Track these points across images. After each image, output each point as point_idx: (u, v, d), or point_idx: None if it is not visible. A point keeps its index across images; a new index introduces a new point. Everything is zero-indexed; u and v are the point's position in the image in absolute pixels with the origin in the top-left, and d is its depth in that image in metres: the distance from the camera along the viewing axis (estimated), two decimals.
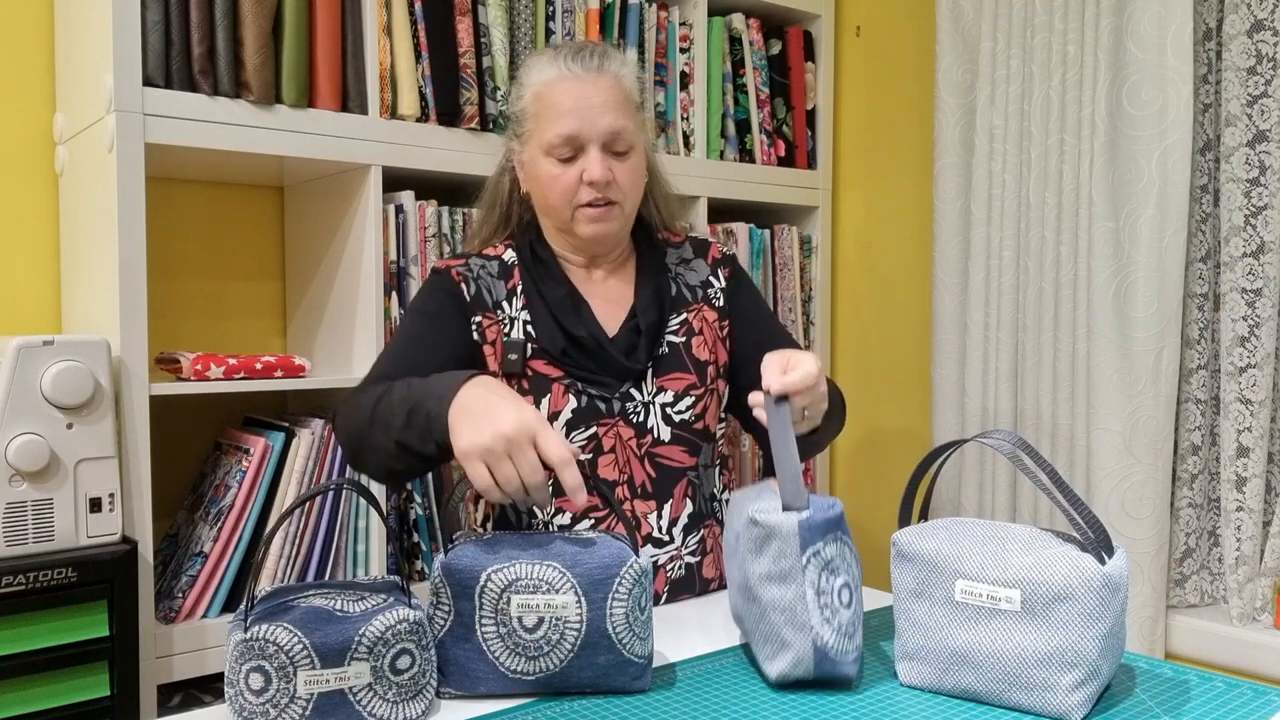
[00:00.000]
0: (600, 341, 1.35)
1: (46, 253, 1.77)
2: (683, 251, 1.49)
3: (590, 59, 1.35)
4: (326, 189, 1.83)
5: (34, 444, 1.36)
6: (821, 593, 0.99)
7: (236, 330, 1.94)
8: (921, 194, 2.34)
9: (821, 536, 0.99)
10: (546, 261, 1.40)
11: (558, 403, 1.34)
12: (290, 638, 0.90)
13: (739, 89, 2.25)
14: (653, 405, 1.38)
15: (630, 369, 1.36)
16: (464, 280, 1.38)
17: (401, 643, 0.94)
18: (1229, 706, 0.97)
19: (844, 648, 0.99)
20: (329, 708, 0.91)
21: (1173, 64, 1.78)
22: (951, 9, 2.13)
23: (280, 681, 0.90)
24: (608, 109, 1.32)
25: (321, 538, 1.66)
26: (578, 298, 1.38)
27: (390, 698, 0.94)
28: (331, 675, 0.91)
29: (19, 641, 1.34)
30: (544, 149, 1.34)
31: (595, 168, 1.32)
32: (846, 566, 1.01)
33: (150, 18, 1.51)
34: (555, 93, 1.33)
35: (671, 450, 1.38)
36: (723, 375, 1.45)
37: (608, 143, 1.33)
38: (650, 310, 1.39)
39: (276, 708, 0.91)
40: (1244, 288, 1.81)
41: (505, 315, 1.37)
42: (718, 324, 1.45)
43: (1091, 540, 0.96)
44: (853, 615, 1.01)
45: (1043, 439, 2.00)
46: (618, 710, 0.97)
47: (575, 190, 1.34)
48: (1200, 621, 1.86)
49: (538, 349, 1.35)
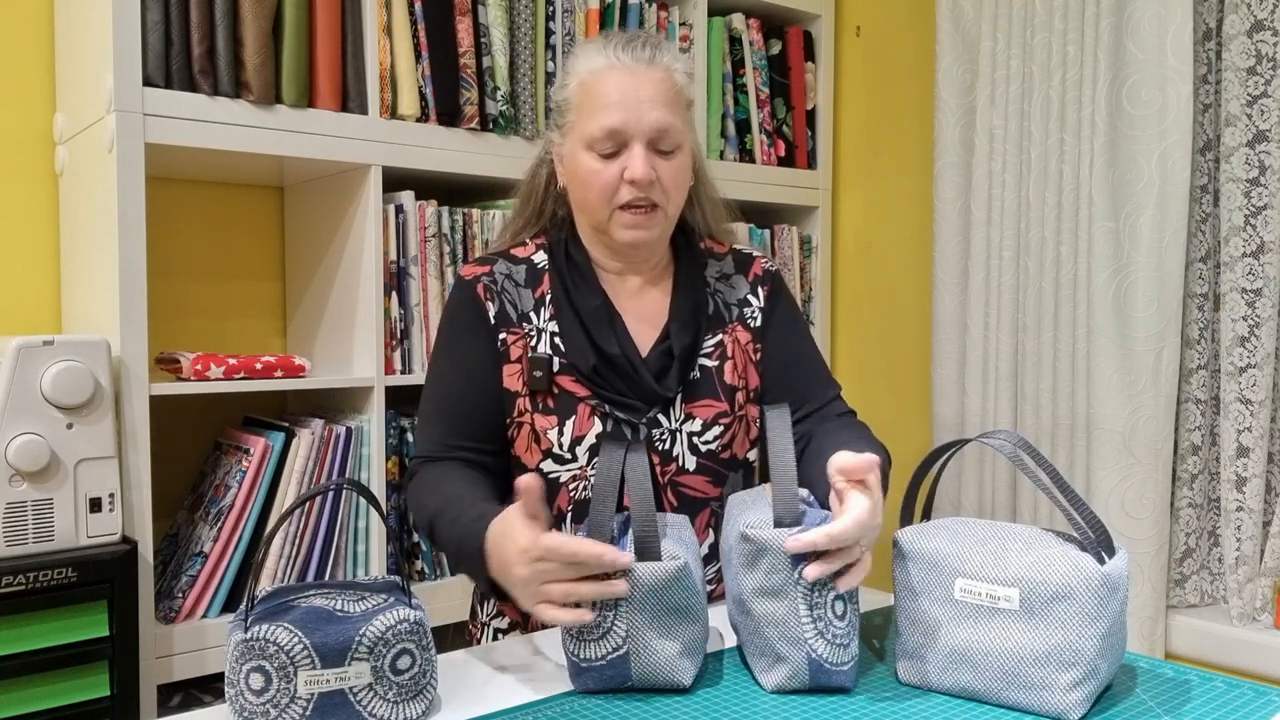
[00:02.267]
0: (633, 362, 1.27)
1: (46, 253, 1.77)
2: (724, 265, 1.40)
3: (642, 49, 1.26)
4: (326, 189, 1.83)
5: (34, 444, 1.36)
6: (815, 606, 0.98)
7: (236, 330, 1.94)
8: (921, 194, 2.34)
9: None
10: (580, 266, 1.31)
11: (583, 426, 1.27)
12: (290, 638, 0.90)
13: (739, 89, 2.25)
14: (680, 434, 1.30)
15: (660, 395, 1.28)
16: (489, 296, 1.30)
17: (402, 643, 0.94)
18: (1229, 706, 0.97)
19: (839, 659, 0.99)
20: (329, 708, 0.91)
21: (1173, 64, 1.78)
22: (951, 9, 2.13)
23: (281, 681, 0.90)
24: (656, 104, 1.24)
25: (321, 538, 1.66)
26: (611, 310, 1.30)
27: (391, 698, 0.94)
28: (332, 675, 0.91)
29: (19, 641, 1.34)
30: (585, 142, 1.25)
31: (638, 165, 1.23)
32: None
33: (150, 18, 1.51)
34: (602, 83, 1.24)
35: (696, 480, 1.31)
36: (751, 399, 1.36)
37: (653, 140, 1.24)
38: (685, 332, 1.31)
39: (277, 708, 0.90)
40: (1244, 288, 1.81)
41: (532, 327, 1.29)
42: (750, 346, 1.36)
43: (1091, 540, 0.96)
44: (847, 626, 1.00)
45: (1043, 439, 2.00)
46: (618, 710, 0.97)
47: (615, 189, 1.25)
48: (1200, 621, 1.86)
49: (566, 364, 1.28)
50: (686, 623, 1.00)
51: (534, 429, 1.28)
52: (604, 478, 1.03)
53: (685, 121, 1.29)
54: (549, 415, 1.27)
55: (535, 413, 1.28)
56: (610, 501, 1.02)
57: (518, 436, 1.30)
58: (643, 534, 1.00)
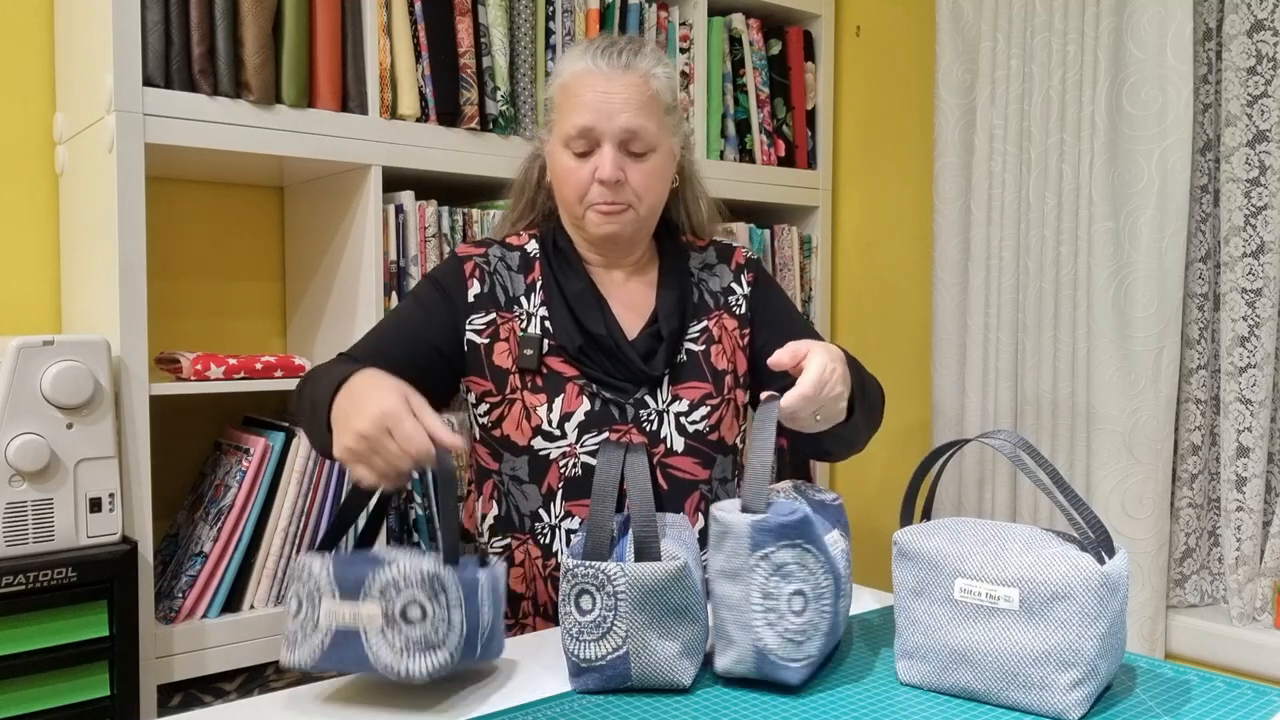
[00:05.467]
0: (618, 342, 1.33)
1: (46, 253, 1.77)
2: (706, 256, 1.46)
3: (618, 56, 1.32)
4: (326, 189, 1.83)
5: (34, 444, 1.36)
6: (769, 596, 0.98)
7: (236, 330, 1.94)
8: (921, 194, 2.34)
9: (775, 541, 0.98)
10: (566, 252, 1.38)
11: (571, 403, 1.31)
12: (320, 566, 0.97)
13: (739, 89, 2.25)
14: (667, 414, 1.34)
15: (647, 374, 1.33)
16: (478, 274, 1.36)
17: (411, 590, 0.95)
18: (1229, 706, 0.97)
19: (789, 654, 0.98)
20: (344, 644, 0.96)
21: (1173, 64, 1.78)
22: (951, 9, 2.13)
23: (309, 607, 0.97)
24: (628, 107, 1.29)
25: (321, 537, 1.66)
26: (597, 294, 1.36)
27: (398, 646, 0.95)
28: (347, 611, 0.95)
29: (19, 641, 1.34)
30: (563, 140, 1.32)
31: (606, 166, 1.29)
32: (806, 575, 0.99)
33: (150, 18, 1.51)
34: (579, 85, 1.31)
35: (684, 461, 1.34)
36: (741, 385, 1.41)
37: (624, 141, 1.30)
38: (672, 317, 1.36)
39: (304, 633, 0.97)
40: (1244, 288, 1.81)
41: (523, 311, 1.35)
42: (738, 332, 1.42)
43: (1091, 540, 0.96)
44: (805, 624, 0.99)
45: (1043, 439, 2.00)
46: (618, 710, 0.97)
47: (587, 187, 1.31)
48: (1200, 621, 1.86)
49: (554, 345, 1.33)
50: (686, 623, 1.00)
51: (525, 405, 1.32)
52: (604, 477, 1.04)
53: (661, 125, 1.34)
54: (538, 394, 1.32)
55: (525, 390, 1.32)
56: (610, 501, 1.02)
57: (508, 415, 1.33)
58: (642, 534, 1.00)
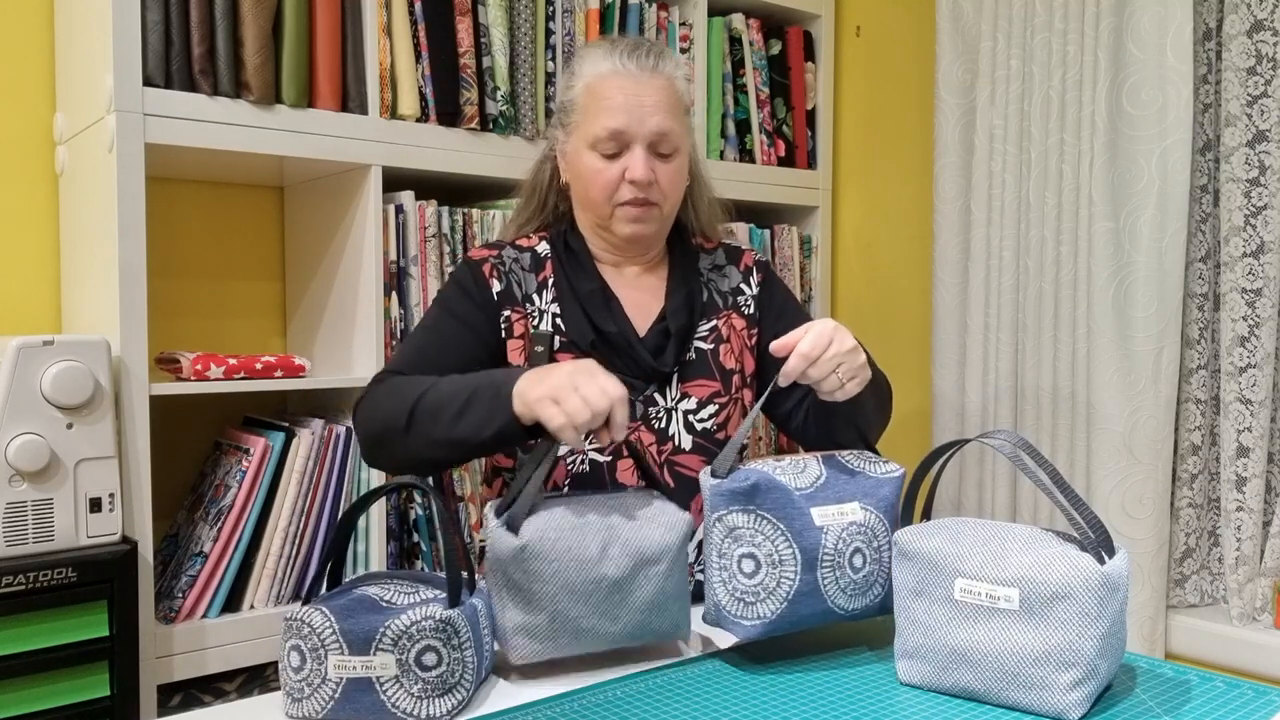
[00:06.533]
0: (629, 339, 1.34)
1: (46, 253, 1.77)
2: (715, 257, 1.48)
3: (646, 58, 1.34)
4: (326, 189, 1.83)
5: (34, 444, 1.36)
6: (722, 555, 1.06)
7: (236, 330, 1.94)
8: (921, 194, 2.34)
9: (726, 505, 1.05)
10: (578, 253, 1.39)
11: None
12: (323, 621, 0.94)
13: (739, 89, 2.25)
14: (675, 412, 1.36)
15: (657, 370, 1.35)
16: (495, 274, 1.36)
17: (426, 639, 0.95)
18: (1229, 706, 0.97)
19: (739, 613, 1.05)
20: (357, 694, 0.94)
21: (1173, 64, 1.78)
22: (951, 9, 2.13)
23: (313, 662, 0.95)
24: (658, 109, 1.32)
25: (322, 538, 1.66)
26: (609, 293, 1.37)
27: (416, 692, 0.95)
28: (359, 663, 0.94)
29: (19, 641, 1.34)
30: (589, 142, 1.33)
31: (639, 167, 1.31)
32: (760, 541, 1.05)
33: (150, 18, 1.51)
34: (607, 87, 1.32)
35: (691, 460, 1.36)
36: (749, 384, 1.44)
37: (654, 143, 1.32)
38: (680, 313, 1.38)
39: (310, 686, 0.95)
40: (1244, 288, 1.81)
41: (535, 308, 1.36)
42: (746, 332, 1.44)
43: (1091, 540, 0.96)
44: (756, 585, 1.05)
45: (1043, 439, 2.00)
46: (618, 709, 0.97)
47: (617, 187, 1.33)
48: (1200, 621, 1.86)
49: (566, 341, 1.34)
50: (521, 604, 1.05)
51: None
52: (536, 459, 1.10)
53: (684, 126, 1.38)
54: None
55: None
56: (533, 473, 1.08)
57: None
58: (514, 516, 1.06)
